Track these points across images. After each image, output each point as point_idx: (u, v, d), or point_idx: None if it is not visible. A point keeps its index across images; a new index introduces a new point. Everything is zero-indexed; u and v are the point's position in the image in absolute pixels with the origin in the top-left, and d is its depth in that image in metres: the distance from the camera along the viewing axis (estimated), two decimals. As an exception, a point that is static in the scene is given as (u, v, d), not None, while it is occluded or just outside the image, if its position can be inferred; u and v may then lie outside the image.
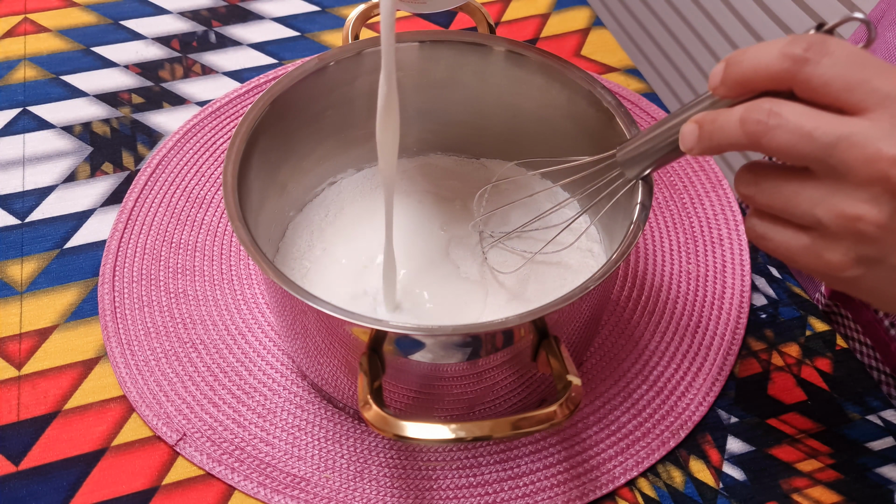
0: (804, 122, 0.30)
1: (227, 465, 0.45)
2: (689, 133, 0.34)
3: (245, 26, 0.70)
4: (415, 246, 0.50)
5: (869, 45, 0.31)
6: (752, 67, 0.31)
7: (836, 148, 0.29)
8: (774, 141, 0.30)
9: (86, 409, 0.47)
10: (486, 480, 0.44)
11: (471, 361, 0.39)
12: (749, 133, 0.31)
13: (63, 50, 0.67)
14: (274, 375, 0.48)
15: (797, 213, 0.31)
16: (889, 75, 0.29)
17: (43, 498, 0.44)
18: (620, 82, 0.66)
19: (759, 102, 0.31)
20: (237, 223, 0.40)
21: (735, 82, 0.32)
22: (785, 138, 0.30)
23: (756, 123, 0.30)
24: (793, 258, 0.32)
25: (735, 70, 0.32)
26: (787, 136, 0.30)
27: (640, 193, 0.41)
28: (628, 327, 0.51)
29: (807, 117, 0.30)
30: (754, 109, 0.31)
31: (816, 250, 0.31)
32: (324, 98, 0.49)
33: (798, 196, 0.31)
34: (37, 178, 0.58)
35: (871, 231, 0.29)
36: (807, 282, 0.59)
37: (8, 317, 0.51)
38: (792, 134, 0.30)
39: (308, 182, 0.52)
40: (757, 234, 0.33)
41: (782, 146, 0.30)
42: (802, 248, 0.32)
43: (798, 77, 0.30)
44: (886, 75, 0.29)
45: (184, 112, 0.63)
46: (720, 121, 0.32)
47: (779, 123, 0.30)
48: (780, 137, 0.30)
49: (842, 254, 0.31)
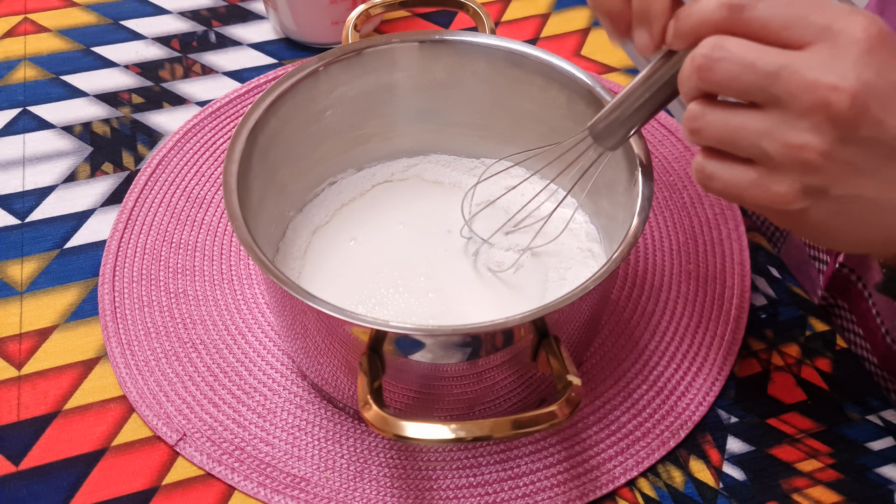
0: (747, 53, 0.31)
1: (227, 465, 0.45)
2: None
3: (245, 26, 0.70)
4: (415, 246, 0.50)
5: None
6: (697, 19, 0.33)
7: (778, 77, 0.30)
8: (719, 73, 0.31)
9: (86, 409, 0.47)
10: (486, 480, 0.44)
11: (471, 361, 0.39)
12: (698, 68, 0.32)
13: (63, 50, 0.67)
14: (274, 375, 0.48)
15: (744, 145, 0.32)
16: (824, 9, 0.31)
17: (43, 498, 0.44)
18: (620, 82, 0.66)
19: (707, 40, 0.32)
20: (237, 223, 0.40)
21: (685, 34, 0.33)
22: (729, 69, 0.31)
23: (703, 58, 0.32)
24: (741, 195, 0.33)
25: (684, 23, 0.33)
26: (731, 67, 0.31)
27: (640, 194, 0.41)
28: (628, 327, 0.51)
29: (749, 49, 0.31)
30: (702, 46, 0.32)
31: (764, 183, 0.32)
32: (324, 98, 0.49)
33: (745, 128, 0.32)
34: (37, 178, 0.58)
35: (815, 160, 0.30)
36: (806, 280, 0.59)
37: (8, 317, 0.51)
38: (735, 65, 0.31)
39: (308, 182, 0.52)
40: (705, 175, 0.34)
41: (727, 77, 0.31)
42: (750, 183, 0.32)
43: (738, 23, 0.31)
44: (822, 9, 0.31)
45: (184, 112, 0.63)
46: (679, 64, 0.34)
47: (723, 56, 0.31)
48: (725, 68, 0.31)
49: (788, 185, 0.32)
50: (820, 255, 0.59)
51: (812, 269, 0.60)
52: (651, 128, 0.62)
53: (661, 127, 0.62)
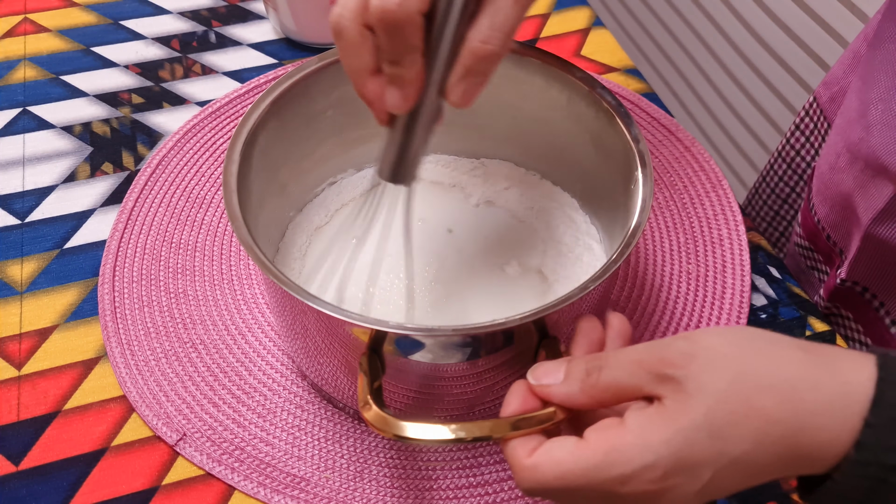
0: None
1: (227, 465, 0.45)
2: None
3: (245, 26, 0.70)
4: (416, 246, 0.50)
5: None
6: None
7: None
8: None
9: (86, 409, 0.47)
10: (486, 480, 0.44)
11: (471, 361, 0.39)
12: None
13: (63, 50, 0.67)
14: (274, 375, 0.48)
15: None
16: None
17: (43, 498, 0.44)
18: (620, 82, 0.66)
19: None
20: (237, 223, 0.40)
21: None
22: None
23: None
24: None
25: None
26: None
27: (640, 194, 0.41)
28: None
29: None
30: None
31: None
32: (324, 98, 0.49)
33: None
34: (37, 178, 0.58)
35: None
36: (806, 284, 0.59)
37: (8, 317, 0.51)
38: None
39: (308, 182, 0.52)
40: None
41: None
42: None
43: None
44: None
45: (184, 112, 0.63)
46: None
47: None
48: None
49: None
50: (818, 265, 0.59)
51: (813, 276, 0.59)
52: (651, 128, 0.62)
53: (661, 127, 0.62)
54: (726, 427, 0.28)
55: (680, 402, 0.29)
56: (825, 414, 0.28)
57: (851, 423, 0.28)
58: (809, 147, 0.62)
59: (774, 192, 0.67)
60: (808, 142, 0.62)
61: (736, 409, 0.29)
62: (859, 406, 0.28)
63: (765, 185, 0.68)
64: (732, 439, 0.28)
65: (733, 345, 0.30)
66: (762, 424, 0.28)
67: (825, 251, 0.57)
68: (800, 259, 0.61)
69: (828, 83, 0.59)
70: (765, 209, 0.68)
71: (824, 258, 0.57)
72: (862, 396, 0.28)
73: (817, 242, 0.58)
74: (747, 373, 0.29)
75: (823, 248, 0.57)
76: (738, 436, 0.28)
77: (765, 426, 0.28)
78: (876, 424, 0.28)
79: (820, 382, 0.29)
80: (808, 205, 0.58)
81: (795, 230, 0.61)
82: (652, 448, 0.29)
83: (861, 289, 0.52)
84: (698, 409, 0.29)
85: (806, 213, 0.59)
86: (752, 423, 0.28)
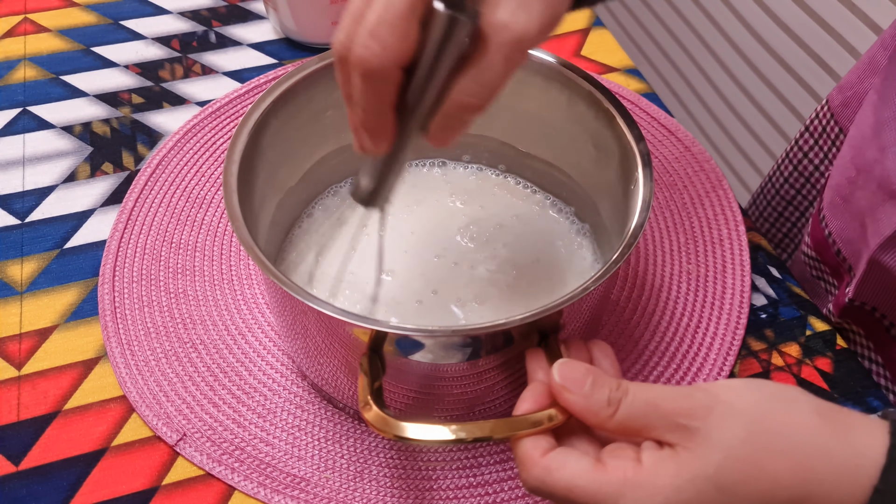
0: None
1: (227, 465, 0.45)
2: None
3: (245, 26, 0.70)
4: (414, 247, 0.50)
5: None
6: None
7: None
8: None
9: (86, 409, 0.47)
10: (486, 480, 0.44)
11: (471, 362, 0.39)
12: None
13: (63, 50, 0.67)
14: (274, 375, 0.48)
15: None
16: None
17: (43, 498, 0.44)
18: (620, 82, 0.66)
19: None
20: (237, 223, 0.40)
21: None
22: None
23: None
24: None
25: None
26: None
27: (640, 194, 0.41)
28: (628, 327, 0.51)
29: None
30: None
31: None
32: (324, 98, 0.49)
33: None
34: (37, 178, 0.58)
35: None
36: (812, 293, 0.58)
37: (8, 317, 0.51)
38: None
39: (308, 182, 0.52)
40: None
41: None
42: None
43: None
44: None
45: (184, 112, 0.63)
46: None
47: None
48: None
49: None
50: (825, 276, 0.58)
51: (819, 287, 0.59)
52: (651, 128, 0.62)
53: (661, 127, 0.62)
54: (735, 484, 0.30)
55: (692, 452, 0.30)
56: (834, 483, 0.29)
57: (860, 492, 0.29)
58: (818, 150, 0.61)
59: (779, 193, 0.66)
60: (818, 145, 0.61)
61: (746, 468, 0.30)
62: (869, 477, 0.29)
63: (770, 187, 0.67)
64: (740, 496, 0.30)
65: (751, 403, 0.31)
66: (771, 487, 0.30)
67: (833, 265, 0.56)
68: (805, 269, 0.60)
69: (842, 87, 0.58)
70: (768, 210, 0.68)
71: (831, 271, 0.57)
72: (873, 469, 0.29)
73: (825, 255, 0.57)
74: (761, 433, 0.30)
75: (831, 262, 0.56)
76: (746, 494, 0.30)
77: (773, 489, 0.30)
78: (885, 491, 0.29)
79: (832, 452, 0.30)
80: (818, 216, 0.57)
81: (804, 240, 0.60)
82: (663, 492, 0.30)
83: (871, 308, 0.52)
84: (710, 461, 0.30)
85: (816, 225, 0.57)
86: (760, 485, 0.30)
